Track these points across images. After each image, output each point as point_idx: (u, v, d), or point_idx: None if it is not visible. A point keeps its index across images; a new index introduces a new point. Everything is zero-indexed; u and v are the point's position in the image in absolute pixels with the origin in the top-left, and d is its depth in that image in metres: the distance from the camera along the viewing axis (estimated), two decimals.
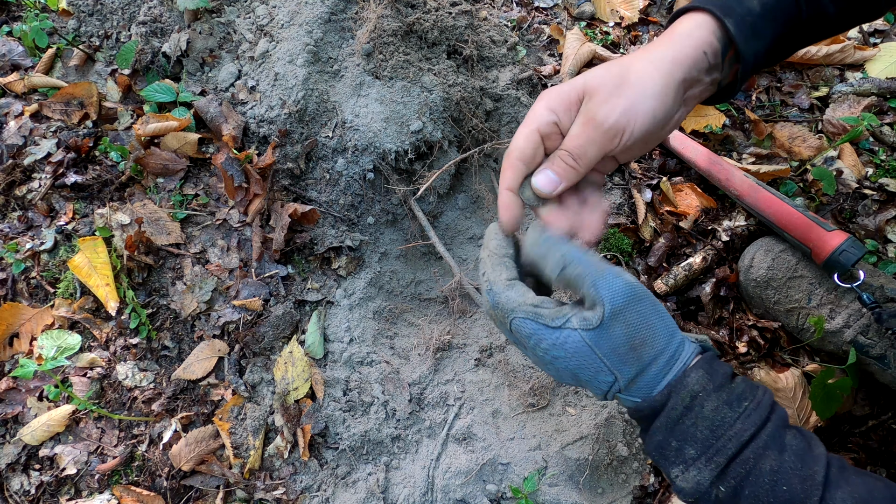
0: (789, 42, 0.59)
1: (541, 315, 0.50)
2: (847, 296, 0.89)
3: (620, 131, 0.51)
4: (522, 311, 0.50)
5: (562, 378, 0.53)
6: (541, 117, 0.53)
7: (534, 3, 1.29)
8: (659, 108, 0.51)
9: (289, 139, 1.00)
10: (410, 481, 0.91)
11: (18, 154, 1.05)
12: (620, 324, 0.48)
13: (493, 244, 0.55)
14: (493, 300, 0.52)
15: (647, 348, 0.49)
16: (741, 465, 0.47)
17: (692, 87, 0.54)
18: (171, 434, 0.92)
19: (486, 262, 0.55)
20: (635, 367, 0.49)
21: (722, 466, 0.47)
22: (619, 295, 0.48)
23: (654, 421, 0.50)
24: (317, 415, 0.93)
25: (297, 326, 1.00)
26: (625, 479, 0.90)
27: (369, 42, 1.01)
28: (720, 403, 0.49)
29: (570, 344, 0.49)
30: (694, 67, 0.53)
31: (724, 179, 1.01)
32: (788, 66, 1.17)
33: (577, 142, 0.52)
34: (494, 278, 0.53)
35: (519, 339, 0.52)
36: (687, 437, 0.49)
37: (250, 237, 1.03)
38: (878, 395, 0.92)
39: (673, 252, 1.04)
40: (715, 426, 0.48)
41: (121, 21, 1.13)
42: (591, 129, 0.51)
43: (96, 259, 0.97)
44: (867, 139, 1.08)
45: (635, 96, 0.50)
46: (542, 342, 0.50)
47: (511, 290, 0.52)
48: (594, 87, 0.51)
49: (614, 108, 0.50)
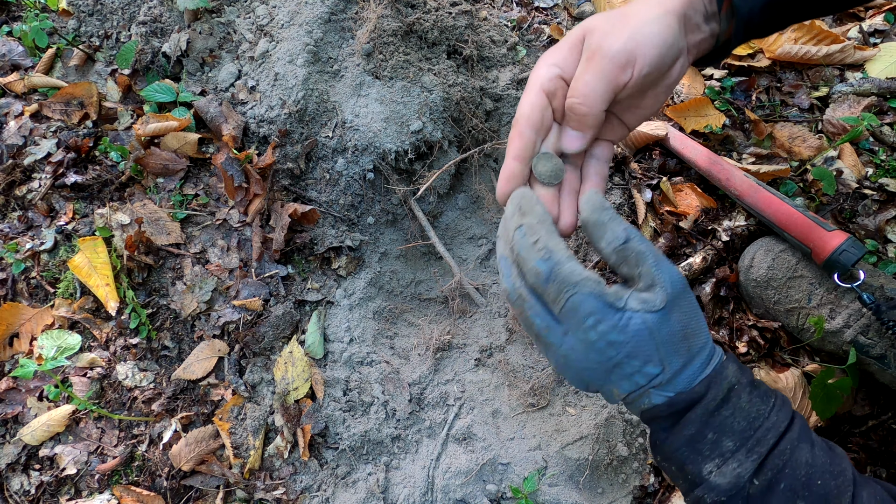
0: (787, 5, 0.56)
1: (606, 293, 0.45)
2: (847, 296, 0.89)
3: (630, 58, 0.47)
4: (588, 286, 0.45)
5: (594, 373, 0.48)
6: (542, 75, 0.50)
7: (534, 3, 1.28)
8: (665, 34, 0.48)
9: (289, 139, 1.00)
10: (410, 481, 0.91)
11: (18, 154, 1.05)
12: (677, 311, 0.46)
13: (540, 210, 0.48)
14: (551, 271, 0.46)
15: (696, 339, 0.47)
16: (778, 458, 0.45)
17: (693, 32, 0.52)
18: (171, 434, 0.92)
19: (539, 228, 0.47)
20: (684, 357, 0.47)
21: (762, 457, 0.45)
22: (679, 281, 0.47)
23: (686, 414, 0.47)
24: (317, 415, 0.93)
25: (297, 326, 1.00)
26: (625, 479, 0.90)
27: (369, 42, 1.01)
28: (753, 397, 0.47)
29: (633, 326, 0.45)
30: (691, 6, 0.51)
31: (724, 179, 1.01)
32: (788, 66, 1.17)
33: (583, 80, 0.48)
34: (555, 247, 0.46)
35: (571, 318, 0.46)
36: (725, 429, 0.46)
37: (250, 237, 1.03)
38: (878, 395, 0.92)
39: (673, 252, 1.04)
40: (752, 418, 0.46)
41: (121, 21, 1.13)
42: (596, 61, 0.48)
43: (96, 259, 0.97)
44: (867, 139, 1.08)
45: (639, 22, 0.48)
46: (603, 322, 0.45)
47: (574, 261, 0.46)
48: (593, 25, 0.49)
49: (619, 35, 0.47)
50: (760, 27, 0.57)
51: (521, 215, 0.49)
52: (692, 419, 0.47)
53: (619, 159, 1.10)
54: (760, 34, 0.59)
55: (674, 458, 0.49)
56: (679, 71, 0.53)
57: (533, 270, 0.47)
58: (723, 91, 1.15)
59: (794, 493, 0.44)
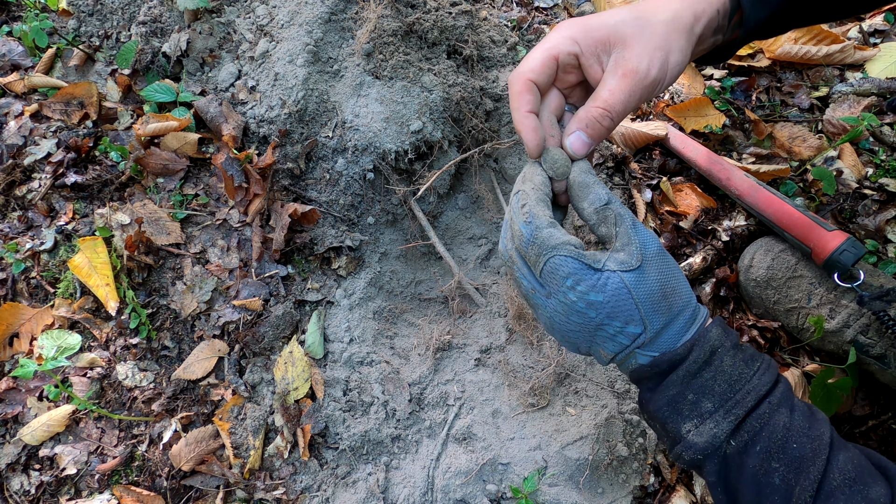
0: (793, 14, 0.58)
1: (583, 255, 0.48)
2: (847, 295, 0.89)
3: (658, 84, 0.50)
4: (565, 249, 0.48)
5: (578, 334, 0.50)
6: (561, 43, 0.51)
7: (534, 3, 1.28)
8: (685, 62, 0.51)
9: (289, 139, 1.00)
10: (410, 481, 0.91)
11: (18, 154, 1.05)
12: (654, 270, 0.48)
13: (539, 180, 0.53)
14: (532, 234, 0.49)
15: (677, 298, 0.49)
16: (756, 420, 0.47)
17: (699, 45, 0.54)
18: (171, 434, 0.92)
19: (530, 195, 0.51)
20: (665, 316, 0.48)
21: (740, 419, 0.47)
22: (653, 241, 0.49)
23: (668, 376, 0.49)
24: (317, 415, 0.93)
25: (297, 326, 1.00)
26: (625, 479, 0.90)
27: (369, 42, 1.01)
28: (737, 360, 0.49)
29: (611, 286, 0.47)
30: (709, 26, 0.53)
31: (724, 179, 1.01)
32: (788, 66, 1.17)
33: (617, 97, 0.50)
34: (538, 212, 0.50)
35: (551, 280, 0.49)
36: (705, 391, 0.48)
37: (250, 237, 1.03)
38: (878, 394, 0.92)
39: (673, 252, 1.04)
40: (733, 381, 0.48)
41: (121, 21, 1.13)
42: (632, 82, 0.49)
43: (96, 259, 0.97)
44: (867, 139, 1.08)
45: (668, 47, 0.50)
46: (581, 283, 0.47)
47: (554, 227, 0.49)
48: (626, 35, 0.50)
49: (653, 60, 0.49)
50: (763, 34, 0.58)
51: (521, 181, 0.53)
52: (674, 380, 0.49)
53: (619, 159, 1.10)
54: (763, 37, 0.60)
55: (657, 417, 0.51)
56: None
57: (517, 233, 0.51)
58: (723, 91, 1.15)
59: (770, 454, 0.46)
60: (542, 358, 0.98)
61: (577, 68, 0.52)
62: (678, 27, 0.51)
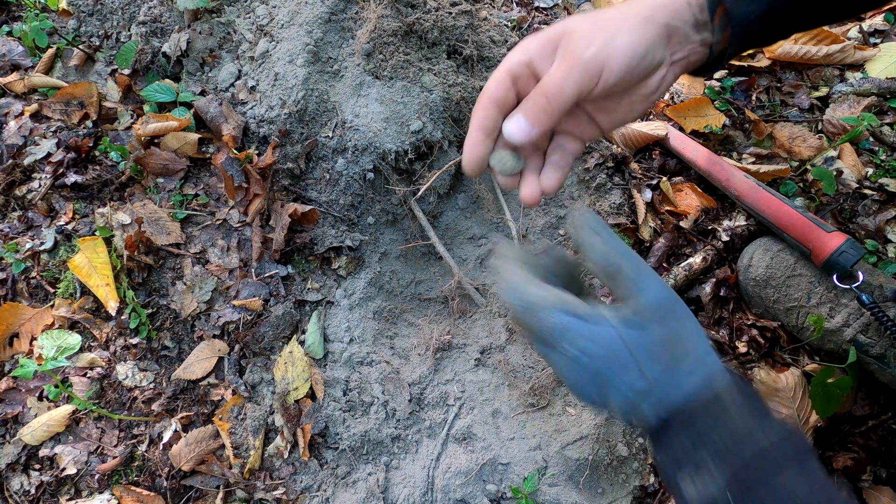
0: (787, 14, 0.55)
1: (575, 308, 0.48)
2: (846, 294, 0.89)
3: (600, 66, 0.48)
4: (555, 305, 0.49)
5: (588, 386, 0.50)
6: (512, 59, 0.51)
7: (534, 3, 1.29)
8: (639, 44, 0.49)
9: (289, 139, 1.01)
10: (410, 481, 0.91)
11: (18, 154, 1.05)
12: (657, 324, 0.47)
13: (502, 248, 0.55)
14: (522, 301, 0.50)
15: (679, 349, 0.47)
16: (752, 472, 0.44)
17: (680, 43, 0.52)
18: (171, 434, 0.92)
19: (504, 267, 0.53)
20: (664, 363, 0.47)
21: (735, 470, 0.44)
22: (660, 293, 0.48)
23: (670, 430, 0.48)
24: (317, 415, 0.93)
25: (297, 326, 1.00)
26: (625, 479, 0.90)
27: (369, 42, 1.01)
28: (745, 413, 0.47)
29: (602, 336, 0.47)
30: (677, 16, 0.51)
31: (724, 179, 1.01)
32: (788, 66, 1.17)
33: (551, 78, 0.49)
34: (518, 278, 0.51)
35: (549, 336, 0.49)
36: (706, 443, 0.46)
37: (250, 237, 1.03)
38: (878, 394, 0.92)
39: (673, 252, 1.04)
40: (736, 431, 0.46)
41: (121, 21, 1.13)
42: (567, 63, 0.49)
43: (96, 259, 0.97)
44: (867, 139, 1.08)
45: (614, 32, 0.48)
46: (578, 337, 0.48)
47: (538, 286, 0.50)
48: (572, 27, 0.50)
49: (593, 41, 0.48)
50: (759, 36, 0.55)
51: (495, 258, 0.56)
52: (675, 433, 0.48)
53: (619, 159, 1.10)
54: (760, 43, 0.58)
55: (660, 470, 0.50)
56: (659, 82, 0.53)
57: (510, 306, 0.52)
58: (723, 91, 1.15)
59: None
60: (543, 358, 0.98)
61: (533, 76, 0.52)
62: (629, 13, 0.50)
